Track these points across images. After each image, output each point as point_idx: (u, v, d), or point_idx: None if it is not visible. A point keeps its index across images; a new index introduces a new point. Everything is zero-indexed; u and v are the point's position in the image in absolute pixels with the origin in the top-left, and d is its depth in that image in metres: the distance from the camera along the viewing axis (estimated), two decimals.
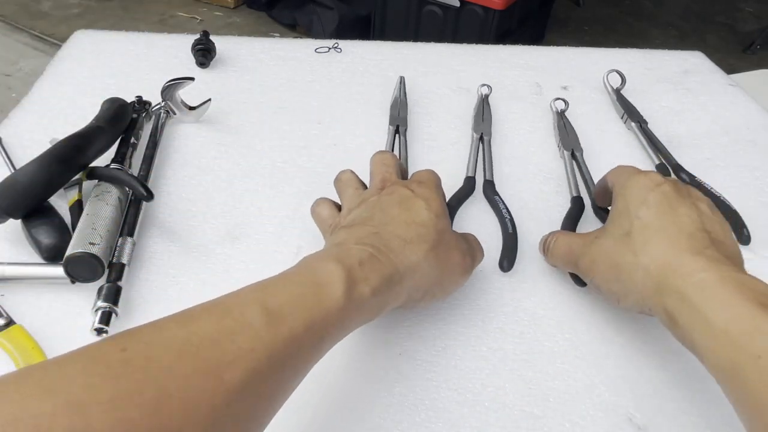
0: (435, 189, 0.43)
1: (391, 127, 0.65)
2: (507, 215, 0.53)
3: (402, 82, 0.72)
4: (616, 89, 0.73)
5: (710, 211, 0.40)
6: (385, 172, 0.45)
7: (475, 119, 0.68)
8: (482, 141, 0.64)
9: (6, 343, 0.39)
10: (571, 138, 0.65)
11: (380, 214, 0.40)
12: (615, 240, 0.40)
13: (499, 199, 0.55)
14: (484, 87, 0.72)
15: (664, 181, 0.41)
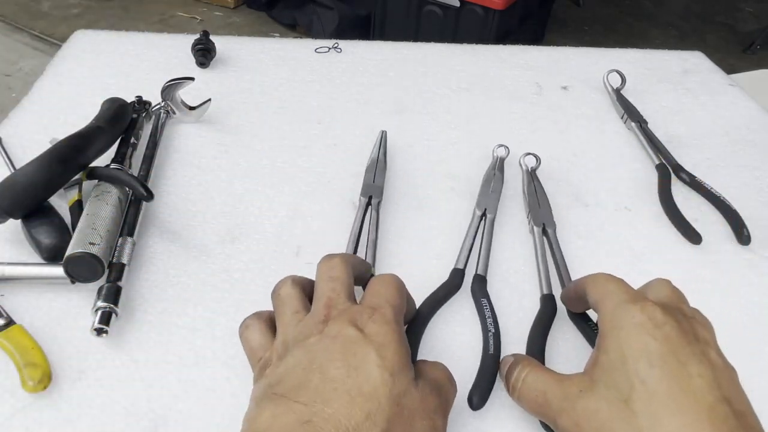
0: (392, 323, 0.33)
1: (363, 199, 0.53)
2: (491, 327, 0.42)
3: (383, 137, 0.60)
4: (616, 89, 0.72)
5: (721, 361, 0.32)
6: (330, 292, 0.35)
7: (481, 190, 0.56)
8: (484, 218, 0.53)
9: (6, 343, 0.39)
10: (543, 209, 0.54)
11: (317, 379, 0.30)
12: (609, 404, 0.31)
13: (487, 303, 0.45)
14: (501, 148, 0.60)
15: (665, 318, 0.32)
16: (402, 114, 0.69)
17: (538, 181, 0.57)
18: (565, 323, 0.45)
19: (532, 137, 0.66)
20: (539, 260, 0.50)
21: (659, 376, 0.30)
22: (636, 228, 0.55)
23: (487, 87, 0.75)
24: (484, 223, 0.53)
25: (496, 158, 0.60)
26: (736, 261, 0.52)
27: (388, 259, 0.50)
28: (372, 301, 0.34)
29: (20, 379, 0.38)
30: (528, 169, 0.59)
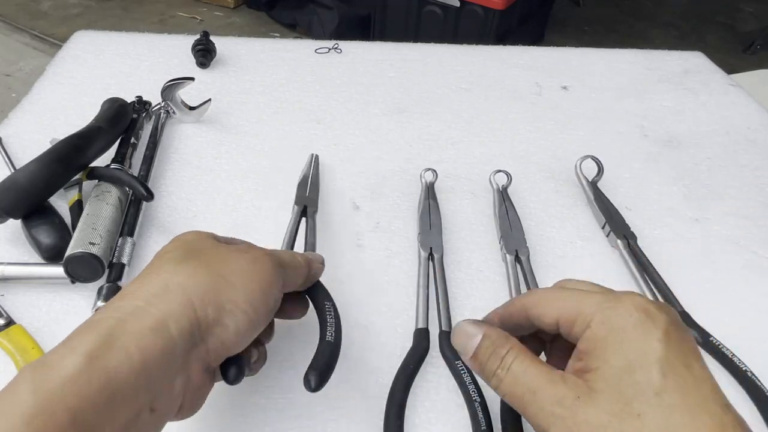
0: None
1: (297, 207, 0.51)
2: (475, 395, 0.38)
3: (315, 160, 0.58)
4: (591, 181, 0.57)
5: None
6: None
7: (420, 226, 0.51)
8: (432, 260, 0.48)
9: (6, 343, 0.39)
10: (515, 232, 0.50)
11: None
12: (618, 419, 0.27)
13: (462, 366, 0.39)
14: (428, 173, 0.56)
15: (657, 310, 0.29)
16: (402, 114, 0.69)
17: (509, 201, 0.54)
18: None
19: (532, 137, 0.66)
20: (512, 293, 0.46)
21: (673, 386, 0.27)
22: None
23: (487, 87, 0.75)
24: (433, 266, 0.48)
25: (424, 184, 0.56)
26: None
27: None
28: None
29: None
30: (499, 188, 0.56)
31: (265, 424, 0.37)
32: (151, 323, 0.27)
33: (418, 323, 0.43)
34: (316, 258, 0.40)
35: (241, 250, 0.33)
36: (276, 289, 0.33)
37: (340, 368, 0.41)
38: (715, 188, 0.61)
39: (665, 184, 0.61)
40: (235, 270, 0.31)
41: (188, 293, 0.29)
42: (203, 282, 0.30)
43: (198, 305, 0.29)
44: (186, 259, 0.31)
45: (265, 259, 0.33)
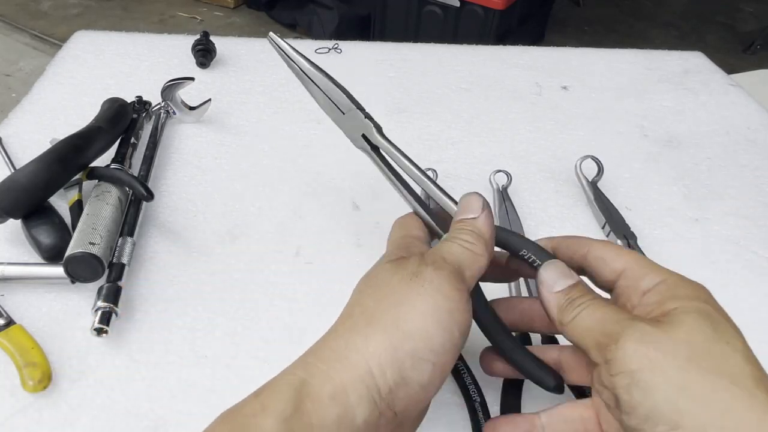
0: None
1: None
2: (475, 395, 0.38)
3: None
4: (591, 181, 0.57)
5: None
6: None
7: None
8: None
9: (6, 343, 0.39)
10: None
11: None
12: (705, 342, 0.27)
13: (462, 365, 0.40)
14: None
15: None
16: (402, 114, 0.69)
17: (509, 201, 0.54)
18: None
19: (532, 137, 0.66)
20: (513, 293, 0.46)
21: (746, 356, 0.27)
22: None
23: (487, 87, 0.75)
24: None
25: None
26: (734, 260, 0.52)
27: None
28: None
29: (20, 379, 0.38)
30: (499, 188, 0.56)
31: None
32: (330, 391, 0.26)
33: None
34: (472, 207, 0.34)
35: (414, 277, 0.29)
36: (460, 312, 0.29)
37: None
38: (715, 188, 0.61)
39: (665, 184, 0.61)
40: (411, 315, 0.28)
41: (365, 358, 0.27)
42: (380, 342, 0.27)
43: (376, 371, 0.26)
44: (364, 316, 0.28)
45: (441, 284, 0.28)
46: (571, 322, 0.30)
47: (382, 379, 0.26)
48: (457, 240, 0.32)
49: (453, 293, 0.28)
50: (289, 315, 0.45)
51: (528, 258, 0.34)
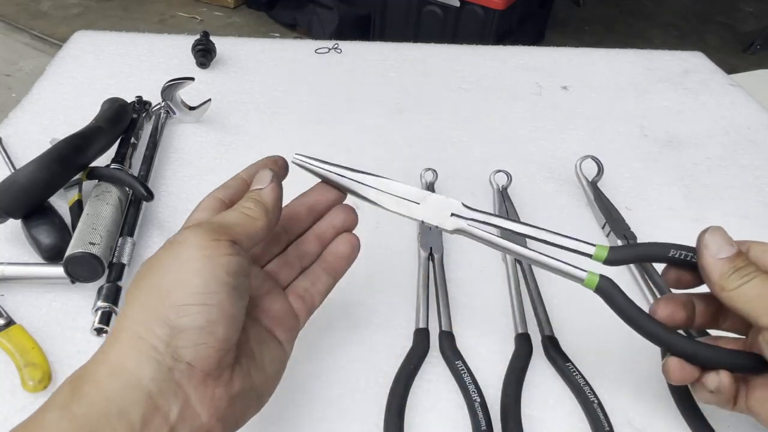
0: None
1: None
2: (475, 395, 0.38)
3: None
4: (591, 181, 0.57)
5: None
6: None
7: (420, 226, 0.50)
8: (432, 260, 0.48)
9: (6, 343, 0.39)
10: (515, 235, 0.48)
11: None
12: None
13: (462, 366, 0.40)
14: (428, 173, 0.56)
15: None
16: (402, 114, 0.69)
17: (509, 201, 0.54)
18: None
19: (532, 137, 0.66)
20: (513, 296, 0.46)
21: None
22: None
23: (487, 87, 0.75)
24: (433, 266, 0.48)
25: (425, 184, 0.56)
26: None
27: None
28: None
29: (20, 379, 0.38)
30: (499, 188, 0.56)
31: (265, 423, 0.37)
32: (107, 369, 0.27)
33: (418, 323, 0.43)
34: (263, 180, 0.35)
35: (171, 244, 0.30)
36: (220, 256, 0.29)
37: (340, 368, 0.41)
38: (715, 188, 0.61)
39: (665, 184, 0.61)
40: (166, 274, 0.28)
41: (131, 328, 0.28)
42: (139, 309, 0.28)
43: (144, 333, 0.27)
44: (128, 299, 0.29)
45: (194, 238, 0.29)
46: (737, 289, 0.32)
47: (153, 338, 0.27)
48: (237, 207, 0.33)
49: (208, 242, 0.29)
50: None
51: (680, 256, 0.35)
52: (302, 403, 0.39)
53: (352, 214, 0.39)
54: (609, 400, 0.39)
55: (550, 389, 0.41)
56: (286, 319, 0.35)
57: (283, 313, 0.35)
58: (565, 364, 0.41)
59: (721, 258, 0.33)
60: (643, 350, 0.43)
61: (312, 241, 0.38)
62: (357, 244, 0.38)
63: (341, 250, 0.38)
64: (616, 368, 0.42)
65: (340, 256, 0.38)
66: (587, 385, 0.39)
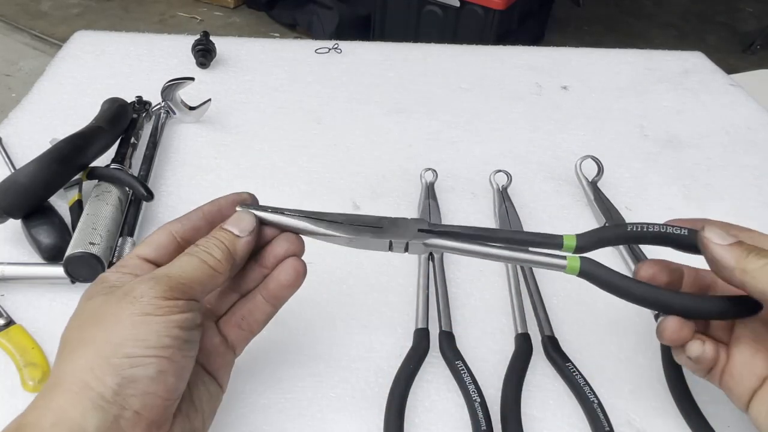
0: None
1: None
2: (475, 395, 0.38)
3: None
4: (591, 181, 0.58)
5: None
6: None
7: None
8: (432, 260, 0.48)
9: (6, 343, 0.39)
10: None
11: None
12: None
13: (462, 366, 0.40)
14: (428, 172, 0.56)
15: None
16: (402, 114, 0.69)
17: (509, 201, 0.54)
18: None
19: (532, 137, 0.66)
20: (513, 296, 0.46)
21: None
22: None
23: (487, 87, 0.75)
24: (433, 266, 0.48)
25: (424, 184, 0.56)
26: None
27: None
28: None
29: (20, 379, 0.38)
30: (499, 188, 0.56)
31: (265, 424, 0.37)
32: (51, 419, 0.26)
33: (418, 323, 0.43)
34: (241, 226, 0.34)
35: (125, 296, 0.29)
36: (176, 314, 0.29)
37: (340, 368, 0.41)
38: (715, 188, 0.61)
39: (665, 184, 0.61)
40: (119, 327, 0.28)
41: (78, 377, 0.27)
42: (90, 358, 0.28)
43: (93, 382, 0.27)
44: (71, 344, 0.29)
45: (151, 298, 0.29)
46: (762, 268, 0.31)
47: (102, 387, 0.27)
48: (199, 254, 0.32)
49: (165, 303, 0.29)
50: (288, 315, 0.44)
51: (676, 231, 0.35)
52: (302, 404, 0.39)
53: (297, 240, 0.36)
54: (609, 400, 0.39)
55: (550, 389, 0.41)
56: (221, 353, 0.34)
57: (217, 349, 0.34)
58: (565, 364, 0.41)
59: (730, 244, 0.32)
60: (643, 350, 0.43)
61: (253, 268, 0.35)
62: (303, 270, 0.35)
63: (284, 279, 0.34)
64: (616, 368, 0.42)
65: (283, 284, 0.35)
66: (587, 385, 0.39)
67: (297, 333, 0.43)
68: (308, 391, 0.39)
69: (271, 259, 0.35)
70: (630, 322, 0.45)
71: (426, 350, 0.42)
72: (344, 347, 0.42)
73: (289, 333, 0.43)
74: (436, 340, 0.43)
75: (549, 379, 0.41)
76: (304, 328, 0.44)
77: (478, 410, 0.37)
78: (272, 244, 0.35)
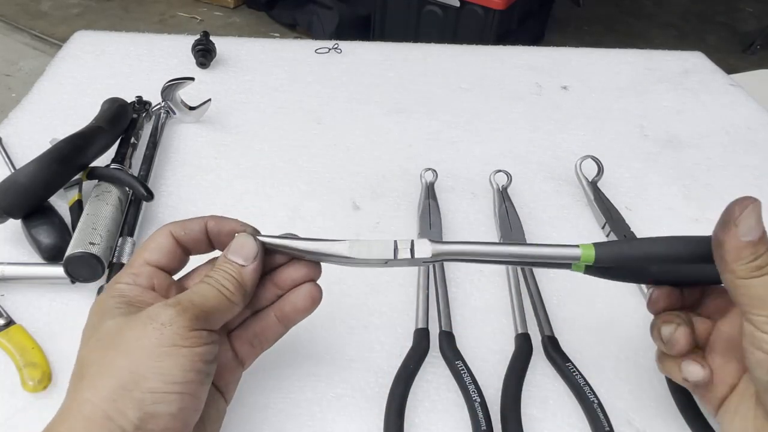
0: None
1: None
2: (475, 395, 0.38)
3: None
4: (591, 181, 0.58)
5: None
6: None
7: (420, 226, 0.50)
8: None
9: (6, 343, 0.39)
10: (515, 233, 0.50)
11: None
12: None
13: (463, 366, 0.40)
14: (428, 172, 0.56)
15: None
16: (402, 114, 0.69)
17: (509, 201, 0.54)
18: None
19: (532, 137, 0.66)
20: (513, 296, 0.46)
21: None
22: None
23: (487, 87, 0.75)
24: (433, 266, 0.48)
25: (424, 184, 0.56)
26: None
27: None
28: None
29: (20, 379, 0.38)
30: (499, 188, 0.56)
31: (264, 423, 0.37)
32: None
33: (418, 323, 0.43)
34: (244, 254, 0.33)
35: (151, 322, 0.29)
36: (201, 346, 0.29)
37: (340, 368, 0.41)
38: (715, 188, 0.61)
39: (665, 184, 0.61)
40: (143, 357, 0.28)
41: (100, 407, 0.27)
42: (112, 388, 0.27)
43: (114, 414, 0.26)
44: (92, 368, 0.28)
45: (179, 327, 0.28)
46: (750, 280, 0.30)
47: (124, 420, 0.27)
48: (216, 284, 0.31)
49: (190, 333, 0.29)
50: None
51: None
52: (302, 404, 0.39)
53: (314, 266, 0.35)
54: (609, 400, 0.39)
55: (550, 389, 0.41)
56: (231, 369, 0.34)
57: (229, 364, 0.34)
58: (565, 364, 0.41)
59: (746, 240, 0.30)
60: (643, 350, 0.43)
61: (268, 287, 0.35)
62: (319, 297, 0.35)
63: (300, 304, 0.34)
64: (616, 368, 0.42)
65: (298, 309, 0.34)
66: (587, 385, 0.39)
67: (297, 333, 0.43)
68: (308, 391, 0.39)
69: (288, 282, 0.35)
70: (630, 322, 0.45)
71: (426, 350, 0.42)
72: (344, 347, 0.42)
73: (290, 333, 0.43)
74: (436, 340, 0.42)
75: (549, 379, 0.41)
76: (304, 328, 0.43)
77: (478, 410, 0.37)
78: (289, 266, 0.35)
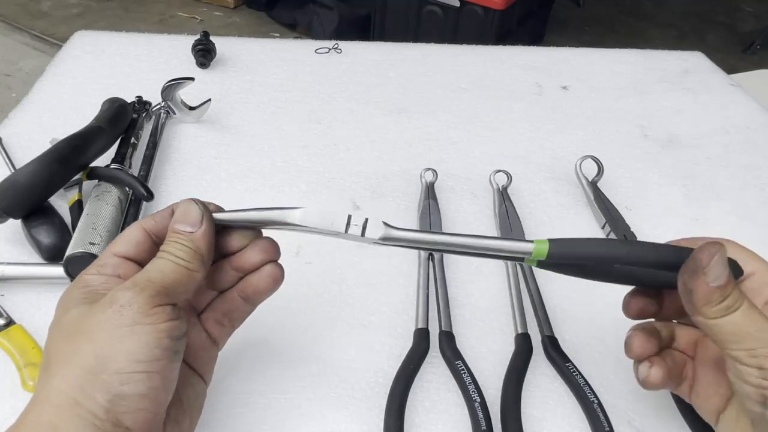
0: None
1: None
2: (475, 395, 0.38)
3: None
4: (591, 181, 0.57)
5: None
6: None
7: (420, 226, 0.51)
8: (432, 260, 0.48)
9: (6, 343, 0.39)
10: (515, 233, 0.50)
11: None
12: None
13: (463, 366, 0.40)
14: (428, 172, 0.57)
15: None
16: (402, 114, 0.69)
17: (509, 201, 0.54)
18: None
19: (532, 137, 0.66)
20: (513, 296, 0.46)
21: None
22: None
23: (487, 87, 0.75)
24: (433, 266, 0.48)
25: (424, 184, 0.56)
26: None
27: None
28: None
29: (20, 379, 0.38)
30: (499, 188, 0.56)
31: (264, 424, 0.37)
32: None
33: (418, 323, 0.43)
34: (189, 220, 0.33)
35: (110, 305, 0.28)
36: (166, 323, 0.28)
37: (340, 368, 0.41)
38: (715, 188, 0.61)
39: (665, 184, 0.61)
40: (107, 340, 0.27)
41: (67, 393, 0.27)
42: (78, 375, 0.27)
43: (82, 399, 0.26)
44: (58, 358, 0.28)
45: (140, 306, 0.28)
46: (720, 319, 0.29)
47: (93, 404, 0.26)
48: (170, 257, 0.31)
49: (151, 309, 0.28)
50: (288, 315, 0.45)
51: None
52: (301, 404, 0.39)
53: (272, 248, 0.35)
54: (609, 400, 0.39)
55: (550, 389, 0.41)
56: (206, 349, 0.34)
57: (203, 345, 0.34)
58: (565, 364, 0.41)
59: (715, 285, 0.30)
60: None
61: (227, 270, 0.34)
62: (281, 276, 0.34)
63: (262, 286, 0.34)
64: (616, 368, 0.42)
65: (260, 290, 0.34)
66: (587, 385, 0.39)
67: (297, 333, 0.43)
68: (308, 391, 0.39)
69: (248, 266, 0.34)
70: (630, 322, 0.45)
71: (426, 350, 0.42)
72: (344, 347, 0.42)
73: (289, 333, 0.43)
74: (436, 340, 0.43)
75: (549, 379, 0.41)
76: (304, 327, 0.44)
77: (478, 410, 0.37)
78: (246, 251, 0.35)
